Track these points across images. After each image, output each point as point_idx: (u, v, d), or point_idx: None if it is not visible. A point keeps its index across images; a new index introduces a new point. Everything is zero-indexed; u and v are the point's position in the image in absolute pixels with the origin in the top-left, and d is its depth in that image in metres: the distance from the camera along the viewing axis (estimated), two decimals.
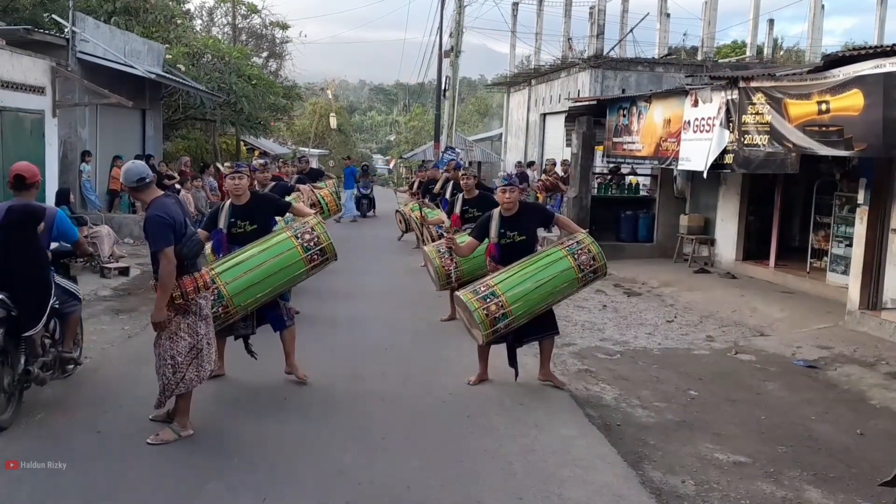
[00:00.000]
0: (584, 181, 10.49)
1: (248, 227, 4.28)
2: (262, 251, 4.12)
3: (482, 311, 4.11)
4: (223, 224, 4.28)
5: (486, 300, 4.14)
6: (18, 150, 7.60)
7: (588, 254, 4.37)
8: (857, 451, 3.82)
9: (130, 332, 5.60)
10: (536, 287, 4.22)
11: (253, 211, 4.33)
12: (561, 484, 3.22)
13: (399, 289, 7.88)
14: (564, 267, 4.30)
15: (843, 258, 7.28)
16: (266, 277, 4.06)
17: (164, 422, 3.61)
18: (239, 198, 4.33)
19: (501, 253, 4.40)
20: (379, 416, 3.98)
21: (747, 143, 6.97)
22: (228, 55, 15.79)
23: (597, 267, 4.39)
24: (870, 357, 5.44)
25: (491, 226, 4.44)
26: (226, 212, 4.32)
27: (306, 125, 31.31)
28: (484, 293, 4.18)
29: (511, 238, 4.40)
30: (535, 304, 4.26)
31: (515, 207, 4.45)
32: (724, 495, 3.25)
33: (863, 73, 5.29)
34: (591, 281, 4.54)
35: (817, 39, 15.94)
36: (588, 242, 4.43)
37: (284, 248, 4.14)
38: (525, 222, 4.46)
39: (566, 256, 4.34)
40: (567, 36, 18.41)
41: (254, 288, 4.04)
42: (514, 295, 4.16)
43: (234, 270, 4.04)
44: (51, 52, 8.72)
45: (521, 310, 4.18)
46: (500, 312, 4.12)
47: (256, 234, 4.25)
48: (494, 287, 4.19)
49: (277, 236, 4.22)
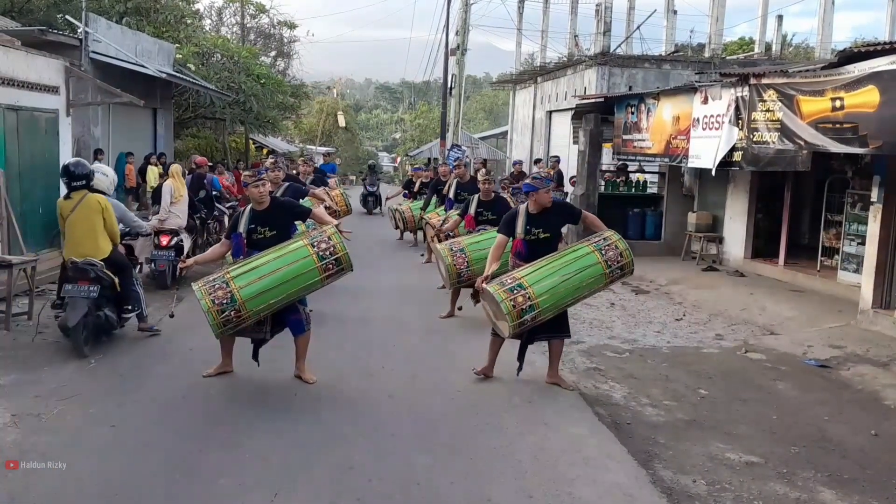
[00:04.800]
0: (591, 179, 10.45)
1: (267, 232, 4.31)
2: (278, 258, 4.11)
3: (509, 302, 4.07)
4: (243, 229, 4.33)
5: (512, 292, 4.10)
6: (33, 148, 7.67)
7: (615, 250, 4.32)
8: (871, 453, 3.79)
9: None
10: (563, 281, 4.18)
11: (273, 217, 4.35)
12: (571, 483, 3.22)
13: (405, 286, 7.89)
14: (591, 262, 4.26)
15: (855, 256, 7.21)
16: (280, 284, 4.05)
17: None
18: (260, 204, 4.36)
19: (528, 249, 4.39)
20: (388, 413, 4.00)
21: (757, 140, 6.92)
22: (237, 54, 15.87)
23: (624, 263, 4.33)
24: (883, 357, 5.39)
25: (517, 223, 4.44)
26: (246, 217, 4.36)
27: (313, 123, 31.40)
28: (511, 285, 4.15)
29: (536, 235, 4.40)
30: (562, 298, 4.22)
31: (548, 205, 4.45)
32: (736, 496, 3.23)
33: (878, 69, 5.22)
34: (619, 278, 4.46)
35: (827, 35, 15.75)
36: (615, 239, 4.40)
37: (300, 255, 4.13)
38: (552, 220, 4.46)
39: (593, 252, 4.30)
40: (573, 33, 18.33)
41: (267, 294, 4.03)
42: (541, 288, 4.13)
43: (248, 275, 4.04)
44: (64, 53, 8.79)
45: (547, 303, 4.14)
46: (527, 304, 4.08)
47: (276, 240, 4.27)
48: (521, 279, 4.17)
49: (294, 244, 4.22)
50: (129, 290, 5.13)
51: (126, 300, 5.12)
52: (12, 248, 6.66)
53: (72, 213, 4.91)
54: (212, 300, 3.94)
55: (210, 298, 3.94)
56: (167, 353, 4.98)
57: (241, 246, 4.31)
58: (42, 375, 4.41)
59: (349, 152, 33.34)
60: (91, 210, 4.91)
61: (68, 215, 4.93)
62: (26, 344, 5.06)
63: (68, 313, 4.71)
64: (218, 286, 3.99)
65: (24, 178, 7.44)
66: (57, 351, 4.92)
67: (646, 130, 9.50)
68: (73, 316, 4.66)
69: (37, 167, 7.72)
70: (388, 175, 32.80)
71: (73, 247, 4.90)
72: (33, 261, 6.00)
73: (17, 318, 5.60)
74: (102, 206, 4.97)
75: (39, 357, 4.78)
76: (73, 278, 4.80)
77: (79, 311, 4.67)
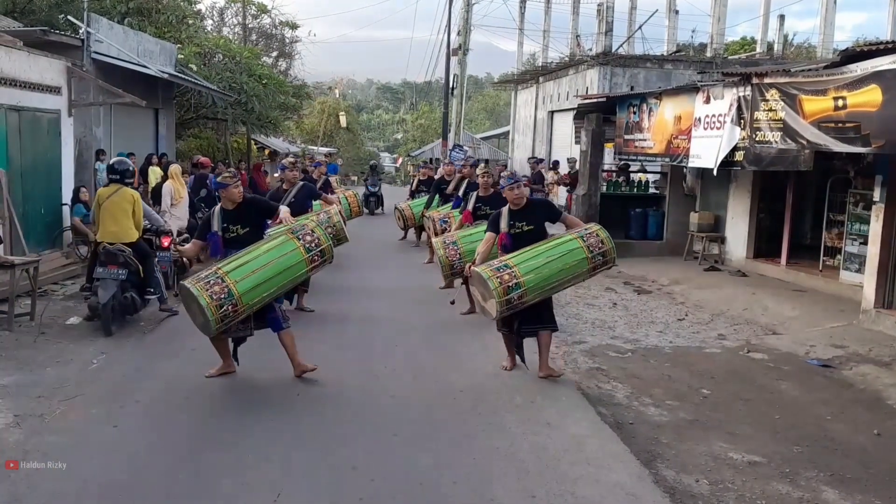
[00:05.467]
0: (593, 178, 10.45)
1: (240, 230, 4.45)
2: (268, 251, 4.26)
3: (496, 279, 4.30)
4: (217, 228, 4.47)
5: (499, 271, 4.36)
6: (35, 148, 7.69)
7: (597, 238, 4.56)
8: (874, 452, 3.78)
9: (146, 328, 5.67)
10: (547, 262, 4.41)
11: (244, 215, 4.48)
12: (574, 482, 3.21)
13: (407, 286, 7.89)
14: (574, 247, 4.51)
15: (858, 256, 7.19)
16: (273, 276, 4.19)
17: None
18: (232, 203, 4.49)
19: (513, 242, 4.62)
20: (390, 413, 4.00)
21: (759, 139, 6.91)
22: (239, 55, 15.87)
23: (605, 250, 4.54)
24: (885, 356, 5.38)
25: (501, 220, 4.72)
26: (217, 217, 4.49)
27: (315, 124, 31.43)
28: (497, 265, 4.43)
29: (520, 228, 4.65)
30: (546, 280, 4.41)
31: (523, 202, 4.72)
32: (739, 495, 3.23)
33: (881, 68, 5.22)
34: (601, 266, 4.64)
35: (829, 35, 15.72)
36: (596, 229, 4.65)
37: (288, 248, 4.30)
38: (533, 215, 4.71)
39: (576, 239, 4.57)
40: (575, 33, 18.33)
41: (261, 287, 4.14)
42: (526, 267, 4.36)
43: (242, 269, 4.13)
44: (66, 53, 8.80)
45: (532, 282, 4.33)
46: (513, 282, 4.30)
47: (250, 237, 4.43)
48: (508, 261, 4.44)
49: (279, 237, 4.38)
50: (151, 276, 5.78)
51: (148, 284, 5.76)
52: (14, 248, 6.68)
53: (107, 200, 5.58)
54: (209, 295, 3.98)
55: (208, 294, 3.98)
56: (169, 354, 4.99)
57: (218, 245, 4.44)
58: (45, 376, 4.41)
59: (351, 153, 33.35)
60: (125, 200, 5.61)
61: (104, 202, 5.59)
62: (29, 344, 5.07)
63: (99, 293, 5.32)
64: (213, 282, 4.05)
65: (27, 179, 7.46)
66: (59, 351, 4.93)
67: (647, 130, 9.49)
68: (103, 295, 5.29)
69: (39, 168, 7.74)
70: (389, 175, 32.79)
71: (107, 229, 5.56)
72: (35, 261, 6.02)
73: (20, 319, 5.61)
74: (135, 199, 5.69)
75: (42, 357, 4.79)
76: (105, 262, 5.44)
77: (109, 291, 5.30)
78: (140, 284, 5.67)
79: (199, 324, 4.17)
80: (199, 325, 4.18)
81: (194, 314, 4.18)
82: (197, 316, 4.15)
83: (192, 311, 4.21)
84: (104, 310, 5.28)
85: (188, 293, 4.07)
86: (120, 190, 5.61)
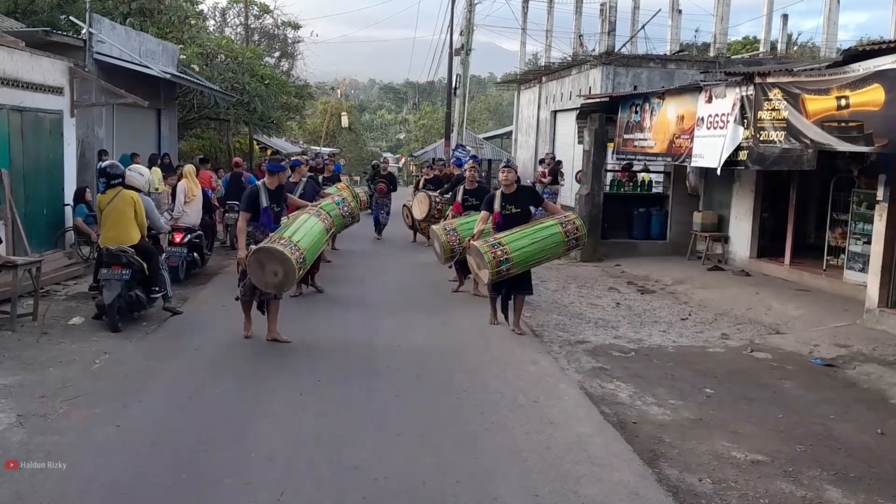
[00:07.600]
0: (596, 178, 10.43)
1: (275, 207, 5.45)
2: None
3: (490, 254, 5.46)
4: (266, 203, 5.38)
5: (494, 247, 5.52)
6: (38, 149, 7.70)
7: (573, 225, 5.83)
8: (877, 451, 3.77)
9: (148, 328, 5.68)
10: (532, 243, 5.63)
11: (280, 196, 5.57)
12: (577, 481, 3.21)
13: (411, 286, 7.90)
14: (554, 231, 5.74)
15: (861, 255, 7.17)
16: (318, 239, 5.35)
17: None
18: (275, 184, 5.49)
19: (504, 221, 5.74)
20: (393, 412, 4.00)
21: (762, 139, 6.89)
22: (241, 55, 15.89)
23: (579, 236, 5.88)
24: (889, 356, 5.36)
25: (495, 202, 5.84)
26: (264, 193, 5.41)
27: (317, 124, 31.45)
28: (493, 242, 5.56)
29: (510, 210, 5.75)
30: (530, 256, 5.62)
31: (514, 187, 5.82)
32: (742, 494, 3.22)
33: (884, 67, 5.20)
34: (575, 247, 6.19)
35: (832, 34, 15.67)
36: (573, 217, 5.95)
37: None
38: (520, 199, 5.82)
39: (556, 224, 5.78)
40: (578, 33, 18.29)
41: (313, 248, 5.21)
42: (515, 246, 5.55)
43: (306, 237, 5.12)
44: (68, 53, 8.82)
45: (519, 258, 5.55)
46: (504, 257, 5.48)
47: (281, 214, 5.50)
48: (501, 239, 5.60)
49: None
50: (156, 274, 5.85)
51: (153, 283, 5.83)
52: (17, 248, 6.70)
53: (107, 206, 5.64)
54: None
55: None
56: (171, 354, 4.99)
57: (270, 218, 5.38)
58: (47, 376, 4.42)
59: (353, 153, 33.38)
60: (124, 203, 5.65)
61: (105, 208, 5.66)
62: (31, 344, 5.09)
63: (104, 293, 5.47)
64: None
65: (29, 179, 7.47)
66: (62, 352, 4.94)
67: (648, 129, 9.47)
68: (108, 295, 5.43)
69: (41, 168, 7.75)
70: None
71: (107, 234, 5.65)
72: (38, 262, 6.03)
73: (22, 319, 5.62)
74: (134, 200, 5.71)
75: (44, 358, 4.79)
76: (108, 263, 5.54)
77: (113, 291, 5.44)
78: (145, 282, 5.76)
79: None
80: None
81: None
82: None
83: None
84: (109, 309, 5.42)
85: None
86: (119, 193, 5.65)
